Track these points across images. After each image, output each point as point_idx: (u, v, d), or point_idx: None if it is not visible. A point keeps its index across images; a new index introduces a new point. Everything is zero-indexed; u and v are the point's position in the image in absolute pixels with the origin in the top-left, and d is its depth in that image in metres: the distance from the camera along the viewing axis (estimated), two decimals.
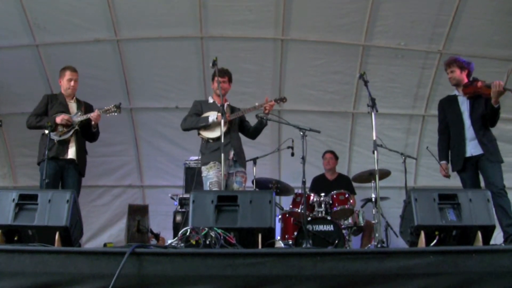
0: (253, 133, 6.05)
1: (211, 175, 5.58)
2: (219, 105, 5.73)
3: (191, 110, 5.97)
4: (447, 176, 5.70)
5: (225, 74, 5.84)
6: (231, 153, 5.66)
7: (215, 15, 7.81)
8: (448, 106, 5.73)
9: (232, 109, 5.95)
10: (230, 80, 5.97)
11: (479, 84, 5.36)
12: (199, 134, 5.84)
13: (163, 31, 7.91)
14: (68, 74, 5.91)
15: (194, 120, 5.83)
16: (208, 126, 5.74)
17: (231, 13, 7.79)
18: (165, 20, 7.79)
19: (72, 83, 5.90)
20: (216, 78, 5.74)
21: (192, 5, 7.67)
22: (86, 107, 5.99)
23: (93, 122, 5.79)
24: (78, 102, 6.02)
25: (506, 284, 3.46)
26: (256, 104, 5.80)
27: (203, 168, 5.70)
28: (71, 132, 5.74)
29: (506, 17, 7.67)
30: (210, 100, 6.03)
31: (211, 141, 5.72)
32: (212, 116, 5.73)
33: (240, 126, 6.02)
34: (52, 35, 7.79)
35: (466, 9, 7.63)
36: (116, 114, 5.97)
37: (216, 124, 5.69)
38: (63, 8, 7.53)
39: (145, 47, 8.10)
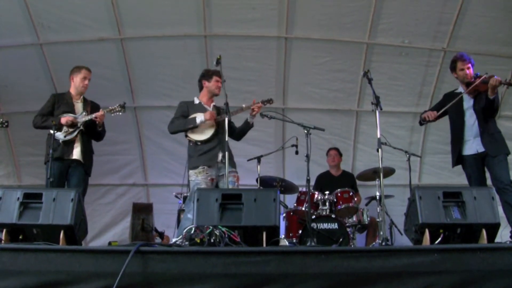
0: (239, 134, 5.92)
1: (199, 180, 5.43)
2: (205, 106, 5.70)
3: (177, 111, 5.81)
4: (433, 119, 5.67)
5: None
6: (220, 156, 5.39)
7: (219, 13, 7.79)
8: (451, 102, 5.69)
9: (218, 110, 5.83)
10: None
11: (477, 81, 5.38)
12: (186, 136, 5.70)
13: (167, 30, 7.90)
14: (83, 72, 5.98)
15: (182, 122, 5.68)
16: (196, 128, 5.62)
17: (234, 12, 7.77)
18: (168, 19, 7.78)
19: (86, 81, 5.98)
20: (214, 77, 5.73)
21: (196, 4, 7.65)
22: (92, 107, 6.01)
23: (97, 122, 5.81)
24: (85, 101, 6.05)
25: (510, 282, 3.46)
26: (243, 105, 5.73)
27: (191, 172, 5.54)
28: (75, 132, 5.77)
29: (510, 15, 7.63)
30: (196, 101, 5.86)
31: (199, 143, 5.59)
32: (200, 117, 5.60)
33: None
34: (56, 33, 7.78)
35: (470, 6, 7.59)
36: (120, 113, 6.00)
37: (204, 126, 5.60)
38: (67, 6, 7.52)
39: (149, 45, 8.09)
